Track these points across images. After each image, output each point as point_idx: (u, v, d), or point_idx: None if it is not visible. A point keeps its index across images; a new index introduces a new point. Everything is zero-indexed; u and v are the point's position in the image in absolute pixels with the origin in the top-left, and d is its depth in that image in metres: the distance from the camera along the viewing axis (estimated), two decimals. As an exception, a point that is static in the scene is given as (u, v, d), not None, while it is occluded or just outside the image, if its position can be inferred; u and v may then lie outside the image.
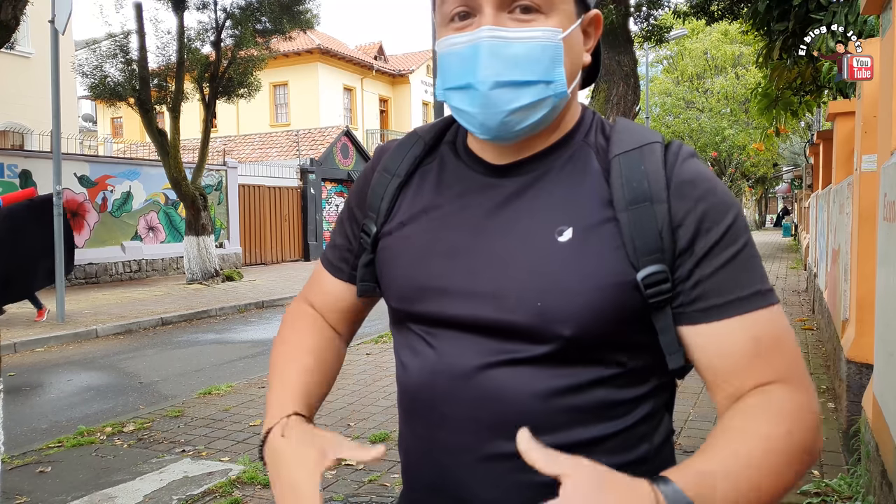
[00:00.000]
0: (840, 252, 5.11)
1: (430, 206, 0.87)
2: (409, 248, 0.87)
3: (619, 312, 0.76)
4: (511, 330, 0.78)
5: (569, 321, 0.76)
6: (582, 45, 0.83)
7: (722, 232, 0.76)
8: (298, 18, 12.90)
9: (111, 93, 11.98)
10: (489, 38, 0.76)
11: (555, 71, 0.78)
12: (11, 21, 7.02)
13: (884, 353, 2.88)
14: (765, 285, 0.78)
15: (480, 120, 0.79)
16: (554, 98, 0.79)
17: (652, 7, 11.03)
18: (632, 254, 0.76)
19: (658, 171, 0.78)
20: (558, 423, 0.77)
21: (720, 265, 0.76)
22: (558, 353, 0.77)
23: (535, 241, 0.79)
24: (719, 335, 0.76)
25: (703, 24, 15.66)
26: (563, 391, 0.77)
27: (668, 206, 0.76)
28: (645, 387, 0.82)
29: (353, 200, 0.97)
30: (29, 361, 6.79)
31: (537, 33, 0.77)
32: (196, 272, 12.69)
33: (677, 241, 0.76)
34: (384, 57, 31.05)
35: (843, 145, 5.64)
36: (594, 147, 0.84)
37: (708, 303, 0.76)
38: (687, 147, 0.82)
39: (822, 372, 5.55)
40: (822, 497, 3.11)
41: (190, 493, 3.36)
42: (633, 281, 0.76)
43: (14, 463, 3.80)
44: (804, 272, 12.95)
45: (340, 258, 0.98)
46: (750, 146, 26.20)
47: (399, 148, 0.93)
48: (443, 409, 0.82)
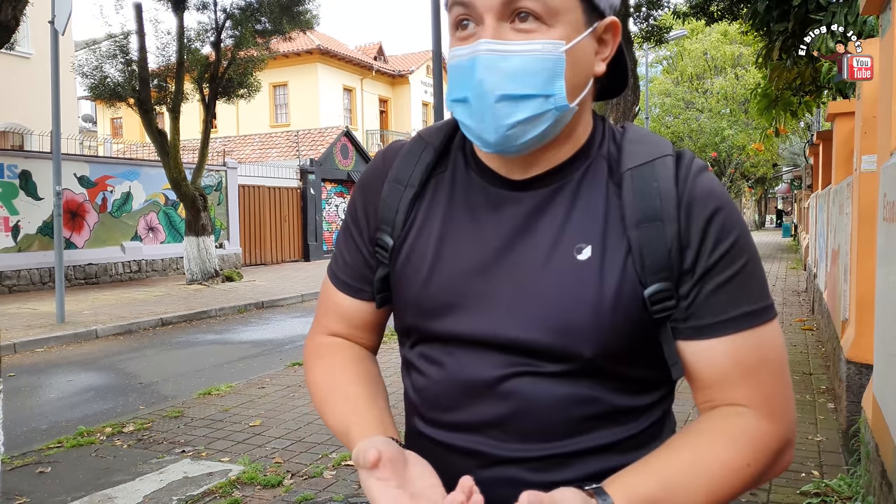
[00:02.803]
0: (840, 252, 5.11)
1: (447, 221, 0.86)
2: (425, 264, 0.85)
3: (633, 330, 0.78)
4: (531, 349, 0.79)
5: (589, 341, 0.77)
6: (592, 55, 0.81)
7: (722, 253, 0.78)
8: (298, 19, 12.89)
9: (111, 93, 11.97)
10: (486, 51, 0.75)
11: (554, 84, 0.76)
12: (11, 22, 7.01)
13: (883, 353, 2.88)
14: (759, 304, 0.79)
15: (478, 133, 0.78)
16: (555, 111, 0.77)
17: (651, 7, 11.04)
18: (640, 271, 0.78)
19: (670, 189, 0.78)
20: (576, 430, 0.80)
21: (716, 286, 0.78)
22: (578, 370, 0.79)
23: (554, 260, 0.79)
24: (705, 352, 0.79)
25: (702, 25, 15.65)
26: (580, 401, 0.80)
27: (678, 226, 0.78)
28: (657, 394, 0.85)
29: (360, 210, 0.93)
30: (29, 362, 6.78)
31: (536, 46, 0.75)
32: (196, 273, 12.68)
33: (684, 260, 0.78)
34: (384, 57, 31.05)
35: (843, 146, 5.64)
36: (606, 158, 0.84)
37: (700, 321, 0.78)
38: (698, 161, 0.83)
39: (821, 372, 5.55)
40: (821, 497, 3.10)
41: (190, 493, 3.35)
42: (641, 298, 0.78)
43: (14, 463, 3.79)
44: (804, 272, 12.96)
45: (359, 277, 0.94)
46: (749, 146, 26.21)
47: (408, 156, 0.90)
48: (462, 415, 0.83)
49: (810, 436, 4.00)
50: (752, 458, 0.76)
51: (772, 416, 0.78)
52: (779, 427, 0.78)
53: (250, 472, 3.53)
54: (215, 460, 3.80)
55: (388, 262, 0.90)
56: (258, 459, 3.77)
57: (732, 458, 0.75)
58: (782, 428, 0.79)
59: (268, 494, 3.32)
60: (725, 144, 29.77)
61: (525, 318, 0.79)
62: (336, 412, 0.88)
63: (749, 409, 0.78)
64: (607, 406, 0.80)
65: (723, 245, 0.78)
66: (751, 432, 0.77)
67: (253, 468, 3.59)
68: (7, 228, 11.76)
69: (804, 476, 3.39)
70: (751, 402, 0.78)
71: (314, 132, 21.69)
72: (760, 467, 0.76)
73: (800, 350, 6.42)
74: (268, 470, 3.61)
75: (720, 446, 0.76)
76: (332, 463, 3.68)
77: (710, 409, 0.81)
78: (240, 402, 4.97)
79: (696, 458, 0.75)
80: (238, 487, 3.41)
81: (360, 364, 0.94)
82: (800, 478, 3.36)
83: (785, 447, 0.79)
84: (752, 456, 0.76)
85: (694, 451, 0.76)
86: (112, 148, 21.10)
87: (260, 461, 3.74)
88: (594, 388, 0.79)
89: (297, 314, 9.91)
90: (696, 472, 0.74)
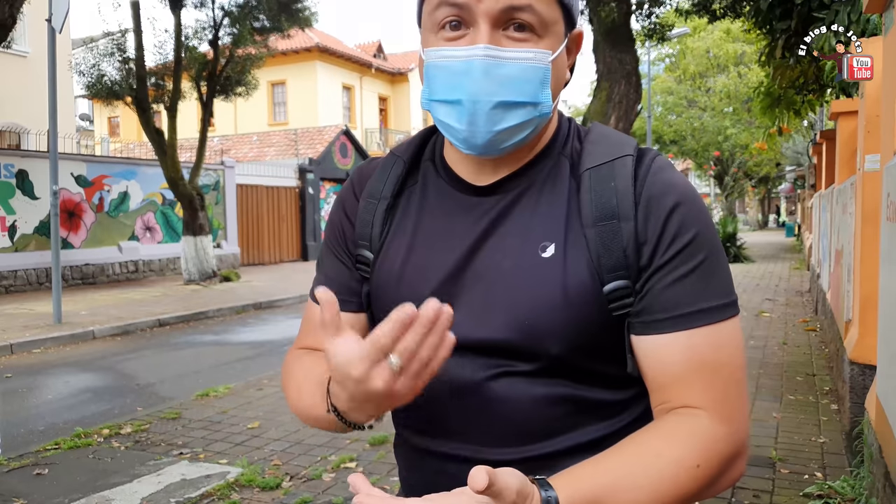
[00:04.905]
0: (843, 252, 5.08)
1: (417, 229, 0.88)
2: (399, 272, 0.87)
3: (596, 326, 0.79)
4: (502, 348, 0.80)
5: (555, 337, 0.78)
6: (566, 64, 0.85)
7: (679, 248, 0.78)
8: (296, 16, 12.88)
9: (108, 92, 11.95)
10: (484, 56, 0.76)
11: (543, 93, 0.79)
12: (8, 20, 6.98)
13: (887, 354, 2.86)
14: (719, 301, 0.78)
15: (465, 136, 0.79)
16: (539, 119, 0.80)
17: (654, 5, 11.01)
18: (598, 268, 0.79)
19: (627, 188, 0.79)
20: (556, 430, 0.81)
21: (672, 281, 0.78)
22: (548, 368, 0.80)
23: (521, 260, 0.81)
24: (657, 348, 0.78)
25: (705, 23, 15.63)
26: (557, 400, 0.80)
27: (635, 224, 0.78)
28: (634, 389, 0.84)
29: (338, 228, 0.94)
30: (25, 363, 6.75)
31: (530, 55, 0.77)
32: (193, 273, 12.65)
33: (640, 257, 0.78)
34: (383, 55, 31.01)
35: (846, 145, 5.62)
36: (569, 157, 0.86)
37: (654, 316, 0.78)
38: (660, 158, 0.83)
39: (825, 373, 5.53)
40: (824, 499, 3.09)
41: (188, 495, 3.33)
42: (601, 295, 0.79)
43: (11, 465, 3.77)
44: (807, 272, 12.95)
45: (344, 290, 0.92)
46: (752, 145, 26.23)
47: (381, 171, 0.92)
48: (443, 420, 0.84)
49: (813, 437, 3.98)
50: (702, 459, 0.74)
51: (724, 418, 0.77)
52: (731, 431, 0.77)
53: (249, 474, 3.51)
54: (213, 462, 3.78)
55: (369, 276, 0.91)
56: (256, 461, 3.74)
57: (682, 457, 0.74)
58: (735, 433, 0.77)
59: (266, 497, 3.29)
60: (728, 143, 29.77)
61: (494, 318, 0.80)
62: (310, 392, 0.84)
63: (702, 410, 0.77)
64: (583, 402, 0.81)
65: (681, 240, 0.78)
66: (702, 433, 0.76)
67: (251, 470, 3.56)
68: (3, 228, 11.73)
69: (807, 478, 3.37)
70: (704, 404, 0.77)
71: (313, 131, 21.66)
72: (711, 471, 0.75)
73: (803, 351, 6.41)
74: (266, 472, 3.59)
75: (670, 445, 0.75)
76: (331, 465, 3.65)
77: (664, 412, 0.80)
78: (238, 404, 4.94)
79: (645, 455, 0.75)
80: (236, 489, 3.38)
81: None
82: (803, 479, 3.34)
83: (737, 454, 0.78)
84: (703, 456, 0.74)
85: (644, 449, 0.75)
86: (109, 147, 21.09)
87: (258, 463, 3.71)
88: (567, 385, 0.80)
89: (295, 315, 9.87)
90: (644, 469, 0.73)
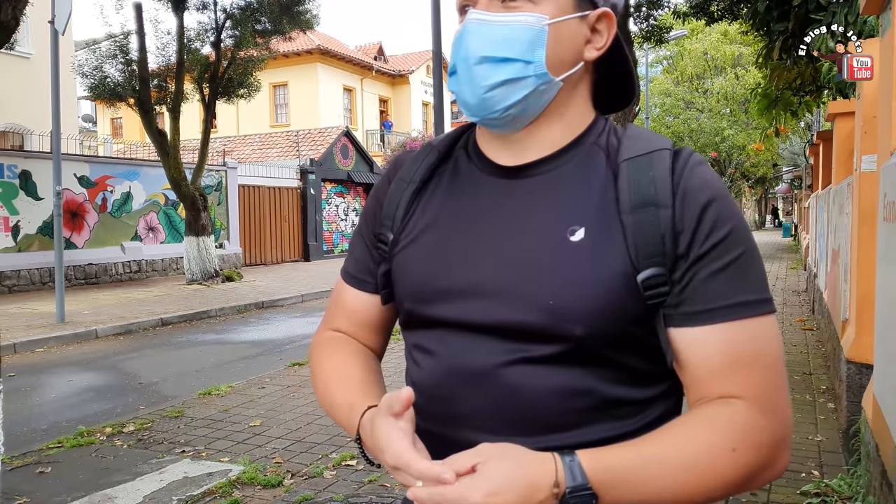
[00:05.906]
0: (840, 252, 5.10)
1: (444, 210, 0.89)
2: (422, 252, 0.88)
3: (626, 312, 0.78)
4: (522, 330, 0.79)
5: (580, 320, 0.77)
6: (582, 39, 0.85)
7: (717, 241, 0.77)
8: (298, 19, 12.89)
9: (111, 93, 11.97)
10: (473, 20, 0.82)
11: (535, 52, 0.81)
12: (11, 22, 7.00)
13: (883, 353, 2.88)
14: (757, 296, 0.78)
15: (461, 96, 0.83)
16: (535, 78, 0.81)
17: (652, 7, 11.03)
18: (633, 255, 0.78)
19: (665, 177, 0.79)
20: (572, 423, 0.79)
21: (710, 273, 0.77)
22: (570, 353, 0.78)
23: (547, 241, 0.80)
24: (696, 341, 0.78)
25: (702, 25, 15.65)
26: (574, 391, 0.79)
27: (673, 213, 0.78)
28: (657, 388, 0.83)
29: (370, 211, 0.98)
30: (29, 362, 6.78)
31: (519, 17, 0.81)
32: (196, 273, 12.68)
33: (678, 246, 0.78)
34: (384, 57, 31.04)
35: (843, 146, 5.64)
36: (605, 149, 0.85)
37: (692, 308, 0.77)
38: (697, 155, 0.83)
39: (821, 372, 5.55)
40: (822, 497, 3.11)
41: (190, 493, 3.35)
42: (634, 282, 0.77)
43: (14, 463, 3.79)
44: (804, 272, 12.95)
45: (364, 269, 0.98)
46: (750, 146, 26.22)
47: (415, 159, 0.96)
48: (458, 406, 0.83)
49: (810, 436, 4.00)
50: (739, 443, 0.73)
51: (764, 409, 0.76)
52: (771, 422, 0.76)
53: (250, 472, 3.53)
54: (215, 460, 3.80)
55: (388, 256, 0.93)
56: (258, 459, 3.77)
57: (717, 441, 0.73)
58: (775, 424, 0.76)
59: (268, 494, 3.32)
60: (725, 144, 29.78)
61: (515, 299, 0.79)
62: (337, 393, 0.91)
63: (741, 400, 0.76)
64: (602, 397, 0.79)
65: (717, 233, 0.78)
66: (740, 421, 0.75)
67: (253, 468, 3.59)
68: (7, 228, 11.77)
69: (804, 476, 3.39)
70: (743, 394, 0.76)
71: (314, 132, 21.68)
72: (750, 458, 0.74)
73: (800, 350, 6.42)
74: (268, 470, 3.61)
75: (706, 428, 0.75)
76: (333, 463, 3.68)
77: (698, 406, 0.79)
78: (240, 402, 4.97)
79: (677, 437, 0.75)
80: (238, 487, 3.41)
81: (361, 356, 0.97)
82: (800, 478, 3.36)
83: (779, 445, 0.76)
84: (740, 442, 0.73)
85: (677, 431, 0.76)
86: (112, 148, 21.09)
87: (260, 461, 3.74)
88: (587, 376, 0.79)
89: (297, 314, 9.90)
90: (676, 449, 0.73)
